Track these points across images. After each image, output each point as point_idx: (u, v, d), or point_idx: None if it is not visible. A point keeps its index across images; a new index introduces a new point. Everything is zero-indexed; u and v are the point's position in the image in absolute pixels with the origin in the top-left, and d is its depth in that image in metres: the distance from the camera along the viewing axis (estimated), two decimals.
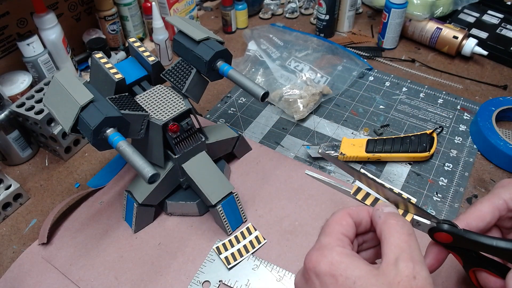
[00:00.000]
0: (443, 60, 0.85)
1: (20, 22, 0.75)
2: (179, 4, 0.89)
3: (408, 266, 0.30)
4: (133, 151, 0.43)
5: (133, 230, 0.56)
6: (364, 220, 0.36)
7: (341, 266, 0.31)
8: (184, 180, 0.57)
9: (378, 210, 0.35)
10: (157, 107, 0.52)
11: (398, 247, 0.31)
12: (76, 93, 0.45)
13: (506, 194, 0.39)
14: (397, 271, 0.30)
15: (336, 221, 0.35)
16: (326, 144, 0.66)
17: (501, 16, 0.91)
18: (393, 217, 0.34)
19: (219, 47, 0.52)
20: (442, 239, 0.38)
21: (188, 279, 0.51)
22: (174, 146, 0.53)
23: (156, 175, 0.41)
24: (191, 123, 0.53)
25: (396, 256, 0.31)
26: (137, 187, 0.55)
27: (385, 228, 0.33)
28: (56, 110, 0.47)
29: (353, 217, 0.35)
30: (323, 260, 0.31)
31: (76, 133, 0.45)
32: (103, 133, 0.44)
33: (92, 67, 0.53)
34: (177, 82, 0.54)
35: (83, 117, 0.44)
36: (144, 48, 0.55)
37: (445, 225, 0.37)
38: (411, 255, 0.31)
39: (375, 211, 0.36)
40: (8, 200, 0.60)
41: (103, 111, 0.44)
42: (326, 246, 0.33)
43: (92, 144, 0.44)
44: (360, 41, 0.92)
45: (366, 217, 0.36)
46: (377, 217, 0.35)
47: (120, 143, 0.43)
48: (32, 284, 0.52)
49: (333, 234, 0.34)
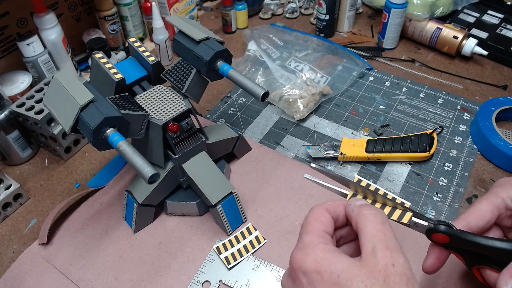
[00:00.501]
0: (443, 60, 0.85)
1: (20, 22, 0.75)
2: (179, 4, 0.89)
3: (386, 254, 0.31)
4: (133, 151, 0.43)
5: (133, 230, 0.56)
6: (341, 214, 0.37)
7: (325, 262, 0.31)
8: (184, 180, 0.57)
9: (351, 204, 0.36)
10: (157, 107, 0.52)
11: (374, 236, 0.32)
12: (76, 93, 0.45)
13: (504, 193, 0.40)
14: (376, 260, 0.31)
15: (315, 218, 0.35)
16: (326, 144, 0.66)
17: (501, 16, 0.91)
18: (365, 208, 0.35)
19: (219, 47, 0.52)
20: (440, 240, 0.38)
21: (188, 279, 0.51)
22: (174, 146, 0.53)
23: (156, 175, 0.41)
24: (191, 123, 0.53)
25: (373, 245, 0.32)
26: (137, 187, 0.55)
27: (359, 220, 0.34)
28: (56, 110, 0.47)
29: (331, 212, 0.36)
30: (307, 259, 0.32)
31: (76, 133, 0.45)
32: (103, 133, 0.44)
33: (92, 67, 0.53)
34: (177, 82, 0.54)
35: (83, 117, 0.44)
36: (144, 48, 0.55)
37: (441, 226, 0.37)
38: (387, 243, 0.31)
39: (348, 206, 0.36)
40: (8, 200, 0.60)
41: (103, 111, 0.44)
42: (309, 245, 0.33)
43: (92, 144, 0.44)
44: (360, 41, 0.92)
45: (342, 211, 0.37)
46: (350, 211, 0.36)
47: (120, 143, 0.43)
48: (32, 284, 0.52)
49: (314, 232, 0.34)
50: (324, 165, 0.64)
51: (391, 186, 0.61)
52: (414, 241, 0.53)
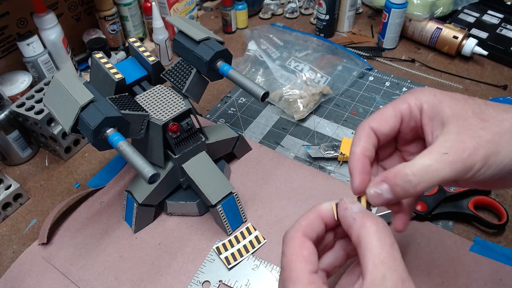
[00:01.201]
0: (443, 60, 0.85)
1: (20, 22, 0.75)
2: (179, 4, 0.89)
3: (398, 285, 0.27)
4: (133, 151, 0.43)
5: (133, 230, 0.56)
6: (320, 230, 0.33)
7: None
8: (184, 180, 0.57)
9: (348, 209, 0.32)
10: (157, 107, 0.52)
11: (384, 262, 0.28)
12: (76, 93, 0.45)
13: (412, 99, 0.36)
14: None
15: (296, 255, 0.31)
16: (326, 144, 0.66)
17: (501, 16, 0.91)
18: (369, 220, 0.30)
19: (219, 47, 0.52)
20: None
21: (188, 279, 0.51)
22: (174, 146, 0.53)
23: (156, 175, 0.41)
24: (191, 123, 0.53)
25: (383, 274, 0.28)
26: (137, 187, 0.55)
27: (363, 235, 0.29)
28: (56, 110, 0.47)
29: (310, 236, 0.32)
30: None
31: (76, 133, 0.45)
32: (103, 133, 0.44)
33: (92, 67, 0.53)
34: (177, 82, 0.54)
35: (83, 117, 0.44)
36: (144, 48, 0.55)
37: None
38: (399, 274, 0.28)
39: (344, 211, 0.32)
40: (8, 200, 0.60)
41: (103, 111, 0.44)
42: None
43: (92, 144, 0.44)
44: (360, 41, 0.92)
45: (321, 226, 0.33)
46: (351, 219, 0.31)
47: (120, 143, 0.43)
48: (32, 284, 0.52)
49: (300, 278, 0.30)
50: (324, 165, 0.64)
51: None
52: None
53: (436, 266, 0.51)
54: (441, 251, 0.52)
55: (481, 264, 0.50)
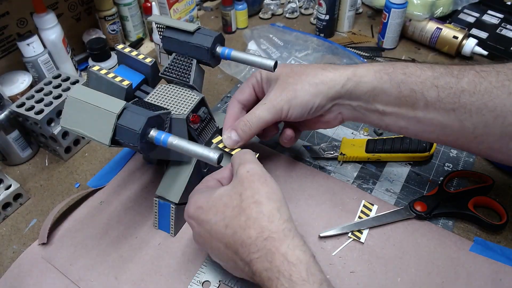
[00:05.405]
0: (443, 60, 0.85)
1: (20, 22, 0.75)
2: (179, 4, 0.89)
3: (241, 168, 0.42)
4: (187, 142, 0.43)
5: (172, 234, 0.55)
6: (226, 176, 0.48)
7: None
8: (206, 171, 0.57)
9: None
10: (171, 104, 0.52)
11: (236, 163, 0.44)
12: (105, 104, 0.43)
13: (258, 74, 0.56)
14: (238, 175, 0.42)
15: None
16: (326, 144, 0.66)
17: (501, 16, 0.91)
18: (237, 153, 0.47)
19: (214, 33, 0.53)
20: None
21: (188, 279, 0.51)
22: (197, 138, 0.53)
23: (222, 154, 0.42)
24: (207, 111, 0.54)
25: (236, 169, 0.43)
26: (167, 190, 0.54)
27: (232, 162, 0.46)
28: (85, 129, 0.44)
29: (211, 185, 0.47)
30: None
31: (116, 144, 0.44)
32: (147, 135, 0.43)
33: (92, 81, 0.52)
34: (181, 77, 0.54)
35: (123, 124, 0.42)
36: (137, 52, 0.55)
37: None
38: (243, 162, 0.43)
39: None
40: (8, 200, 0.60)
41: (141, 113, 0.43)
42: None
43: (139, 149, 0.43)
44: (360, 41, 0.92)
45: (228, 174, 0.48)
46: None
47: (170, 138, 0.43)
48: (32, 284, 0.52)
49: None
50: (324, 165, 0.64)
51: (391, 186, 0.61)
52: None
53: (436, 266, 0.51)
54: (441, 251, 0.52)
55: (481, 264, 0.50)
